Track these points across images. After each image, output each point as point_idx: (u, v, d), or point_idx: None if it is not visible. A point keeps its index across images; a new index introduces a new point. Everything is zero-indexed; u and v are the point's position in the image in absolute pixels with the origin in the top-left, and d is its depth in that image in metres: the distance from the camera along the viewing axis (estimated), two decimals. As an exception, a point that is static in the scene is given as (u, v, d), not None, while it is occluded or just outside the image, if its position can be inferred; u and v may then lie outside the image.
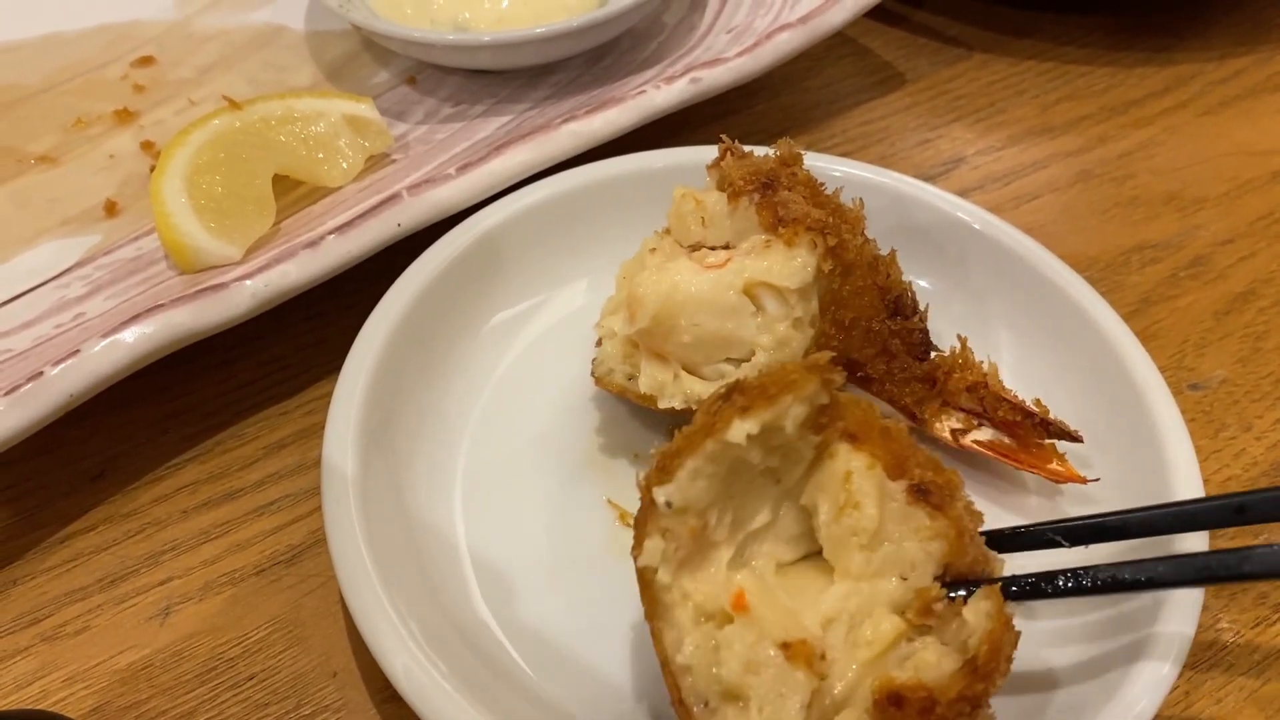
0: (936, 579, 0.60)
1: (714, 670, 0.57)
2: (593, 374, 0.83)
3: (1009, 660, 0.56)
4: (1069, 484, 0.80)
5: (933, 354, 0.82)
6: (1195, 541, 0.70)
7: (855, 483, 0.60)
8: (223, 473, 0.86)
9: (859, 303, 0.77)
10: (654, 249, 0.80)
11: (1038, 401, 0.80)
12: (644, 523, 0.59)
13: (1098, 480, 0.79)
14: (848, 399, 0.62)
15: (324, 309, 0.95)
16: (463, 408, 0.85)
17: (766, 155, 0.81)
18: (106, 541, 0.81)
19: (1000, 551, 0.62)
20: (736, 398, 0.58)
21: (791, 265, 0.75)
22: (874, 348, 0.79)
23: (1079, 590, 0.62)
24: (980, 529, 0.62)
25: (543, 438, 0.85)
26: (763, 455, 0.59)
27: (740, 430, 0.57)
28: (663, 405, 0.79)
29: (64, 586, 0.79)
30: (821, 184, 0.80)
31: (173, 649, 0.75)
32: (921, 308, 0.82)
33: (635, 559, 0.59)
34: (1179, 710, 0.74)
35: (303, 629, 0.77)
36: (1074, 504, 0.80)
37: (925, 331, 0.81)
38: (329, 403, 0.77)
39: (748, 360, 0.77)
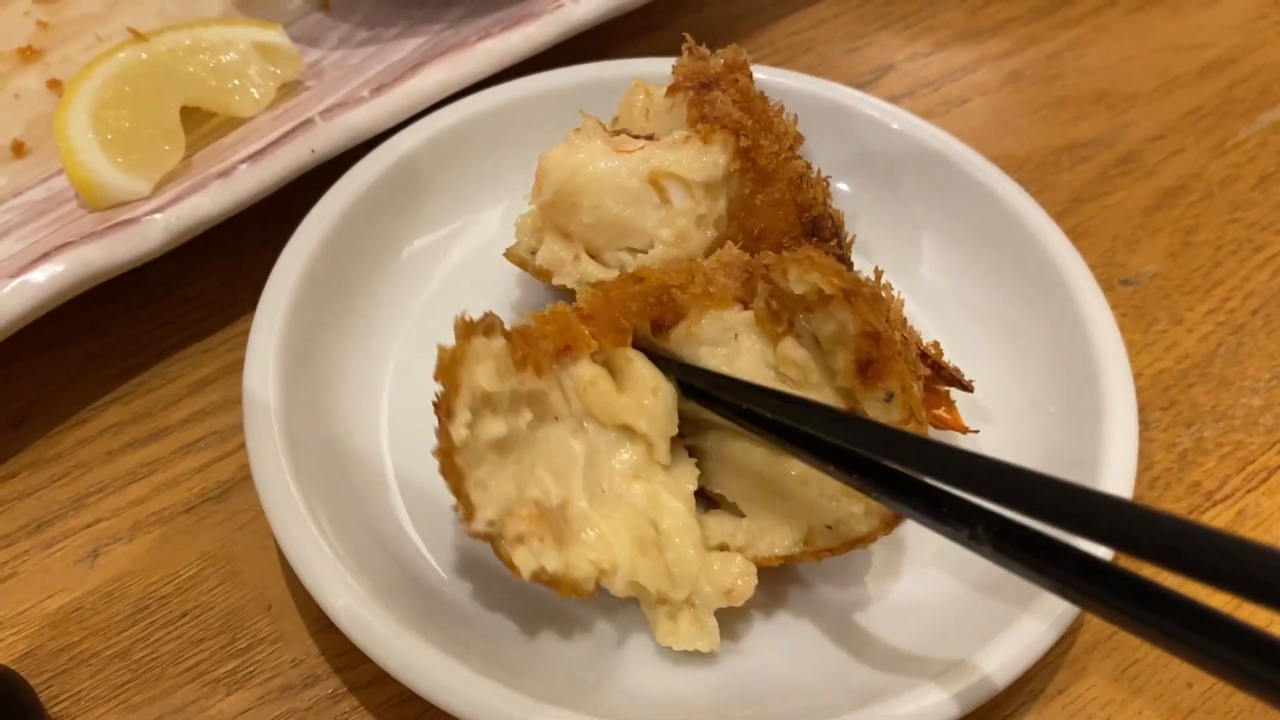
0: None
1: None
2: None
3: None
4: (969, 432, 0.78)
5: None
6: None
7: None
8: (147, 412, 0.84)
9: (773, 215, 0.76)
10: (578, 129, 0.79)
11: (935, 345, 0.78)
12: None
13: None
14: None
15: (245, 243, 0.93)
16: (387, 335, 0.84)
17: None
18: (30, 487, 0.80)
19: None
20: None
21: (701, 160, 0.74)
22: None
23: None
24: None
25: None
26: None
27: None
28: (556, 282, 0.79)
29: (-12, 534, 0.78)
30: (778, 103, 0.79)
31: (103, 590, 0.74)
32: (848, 238, 0.80)
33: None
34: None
35: (235, 564, 0.76)
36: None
37: (842, 259, 0.79)
38: (252, 337, 0.76)
39: (646, 252, 0.76)
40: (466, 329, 0.61)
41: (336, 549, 0.66)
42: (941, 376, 0.78)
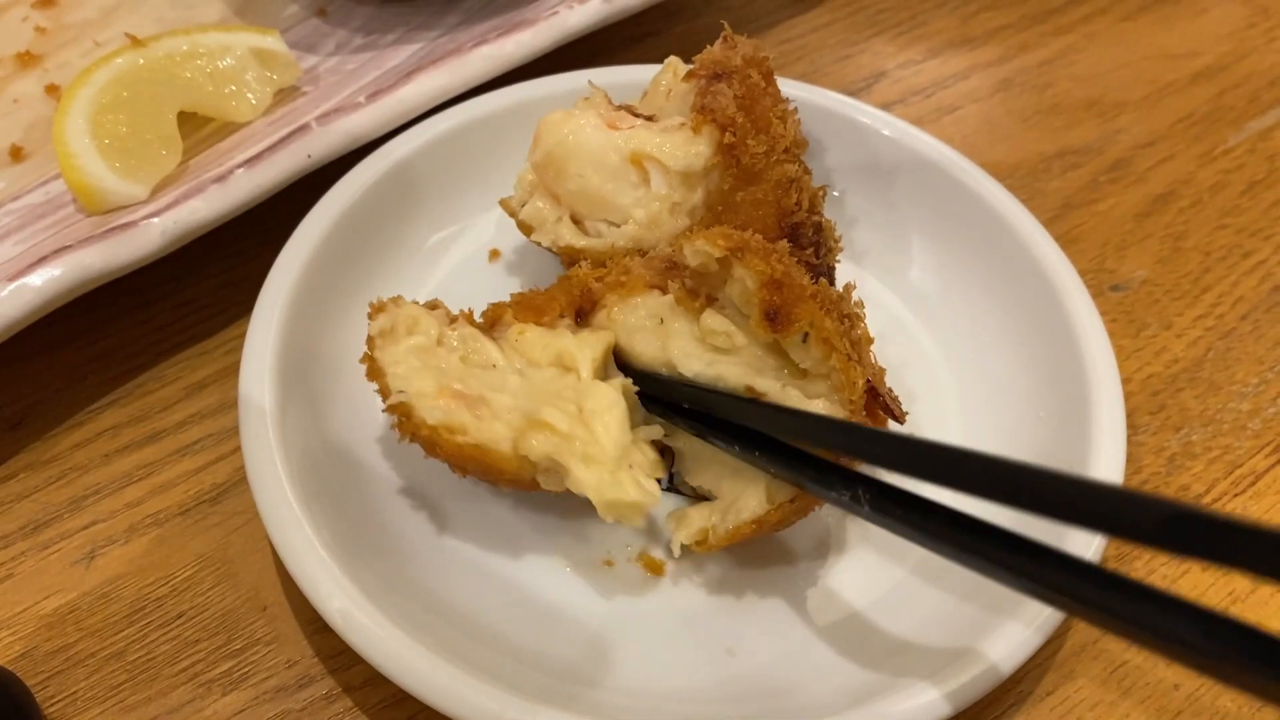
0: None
1: None
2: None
3: None
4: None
5: None
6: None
7: None
8: (144, 415, 0.85)
9: (752, 215, 0.76)
10: (588, 98, 0.82)
11: (879, 372, 0.78)
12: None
13: None
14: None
15: (242, 247, 0.94)
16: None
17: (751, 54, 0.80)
18: (28, 489, 0.80)
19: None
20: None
21: (685, 149, 0.75)
22: None
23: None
24: None
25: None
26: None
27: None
28: (533, 239, 0.81)
29: (-15, 535, 0.78)
30: (791, 106, 0.79)
31: (99, 591, 0.75)
32: (833, 249, 0.80)
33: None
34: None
35: (231, 565, 0.76)
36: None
37: (815, 269, 0.79)
38: (247, 340, 0.76)
39: (620, 227, 0.78)
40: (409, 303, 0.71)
41: (331, 551, 0.66)
42: (878, 402, 0.78)
